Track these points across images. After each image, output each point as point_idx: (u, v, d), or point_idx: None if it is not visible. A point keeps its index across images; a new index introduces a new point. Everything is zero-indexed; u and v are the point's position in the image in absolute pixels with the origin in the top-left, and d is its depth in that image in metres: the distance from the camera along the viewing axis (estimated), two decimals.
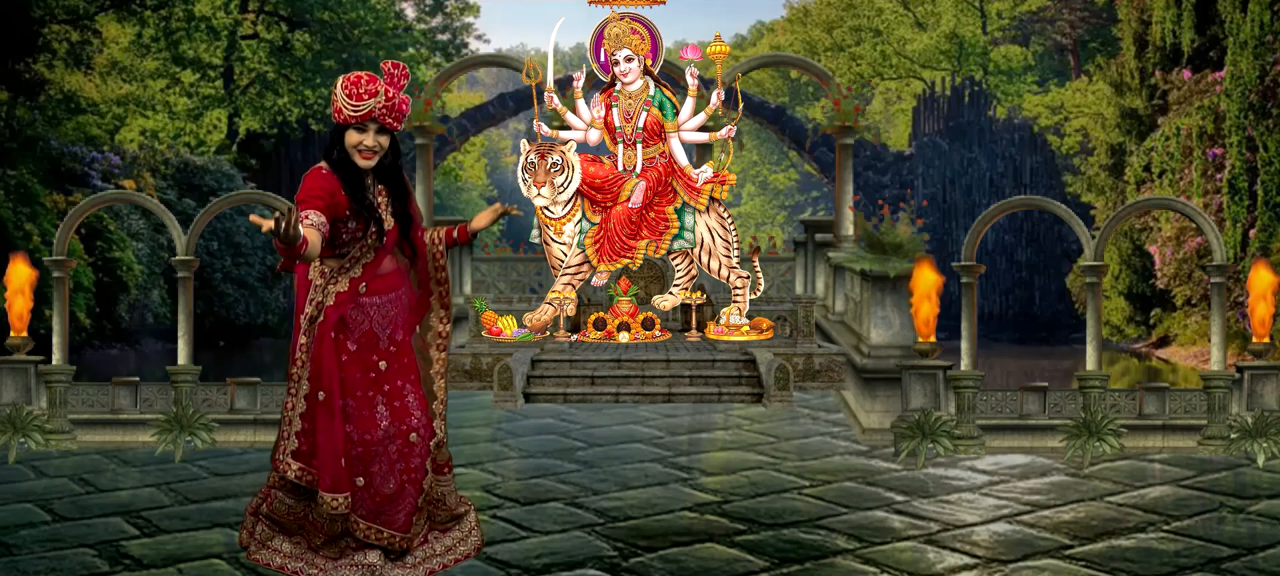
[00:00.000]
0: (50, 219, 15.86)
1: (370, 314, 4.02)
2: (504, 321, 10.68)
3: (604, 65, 9.86)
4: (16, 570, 4.31)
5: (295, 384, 4.02)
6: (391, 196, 4.10)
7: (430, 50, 28.93)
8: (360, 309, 4.01)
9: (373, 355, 4.01)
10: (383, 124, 4.01)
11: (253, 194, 13.05)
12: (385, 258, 4.05)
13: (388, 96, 4.00)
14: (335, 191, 3.94)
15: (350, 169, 4.00)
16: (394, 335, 4.05)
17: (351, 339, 3.99)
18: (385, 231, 4.05)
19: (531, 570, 4.32)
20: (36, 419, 6.92)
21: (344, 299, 4.00)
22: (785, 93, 38.03)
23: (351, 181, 3.99)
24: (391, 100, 4.01)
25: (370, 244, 4.03)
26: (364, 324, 4.01)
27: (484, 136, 35.65)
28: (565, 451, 6.94)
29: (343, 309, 3.99)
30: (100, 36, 21.27)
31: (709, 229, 10.02)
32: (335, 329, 3.98)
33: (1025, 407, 7.09)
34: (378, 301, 4.04)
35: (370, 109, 3.97)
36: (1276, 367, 7.14)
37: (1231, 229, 16.52)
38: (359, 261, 4.03)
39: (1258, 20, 16.44)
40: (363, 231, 4.01)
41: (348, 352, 3.98)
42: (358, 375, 3.99)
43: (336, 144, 4.03)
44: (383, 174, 4.11)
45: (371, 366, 4.00)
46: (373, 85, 3.98)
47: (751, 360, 9.73)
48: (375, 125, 4.01)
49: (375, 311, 4.03)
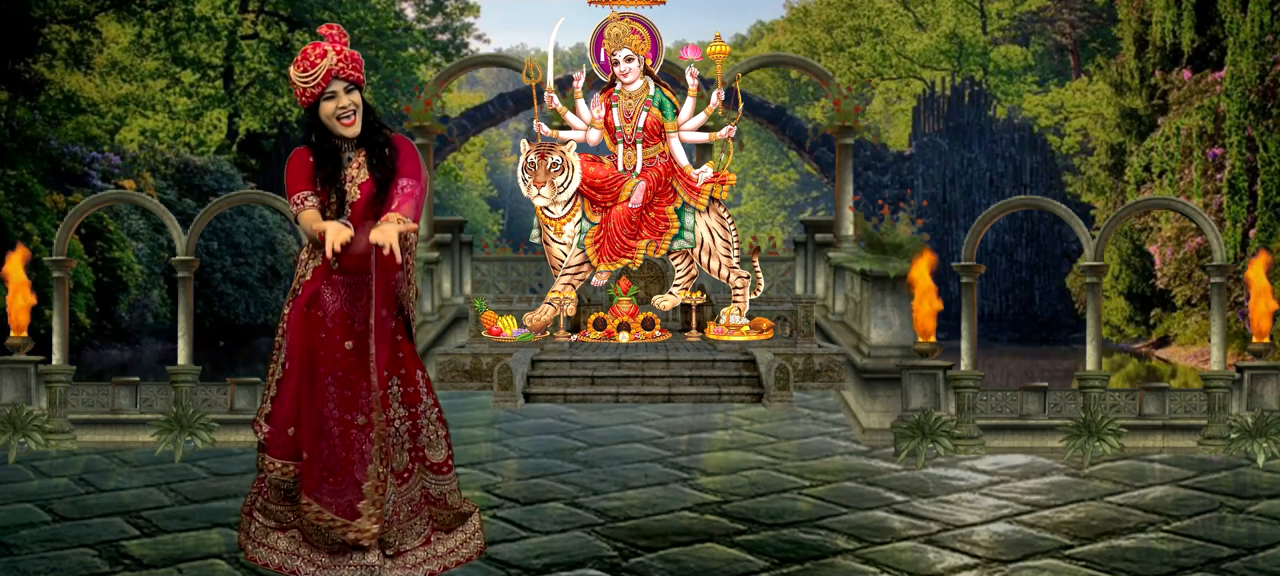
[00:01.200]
0: (50, 219, 15.86)
1: (341, 292, 4.05)
2: (504, 321, 10.68)
3: (604, 65, 9.86)
4: (16, 570, 4.31)
5: (277, 350, 4.13)
6: (371, 162, 4.08)
7: (430, 50, 28.94)
8: (332, 286, 4.05)
9: (344, 338, 4.03)
10: (348, 79, 4.02)
11: (253, 194, 13.04)
12: (358, 231, 3.99)
13: (337, 51, 4.02)
14: (311, 168, 4.04)
15: (326, 148, 4.05)
16: (365, 318, 4.03)
17: (327, 317, 4.04)
18: (346, 203, 4.05)
19: (531, 570, 4.32)
20: (36, 419, 6.92)
21: (319, 274, 4.07)
22: (785, 93, 38.04)
23: (326, 158, 4.05)
24: (341, 53, 4.03)
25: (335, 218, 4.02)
26: (336, 302, 4.05)
27: (484, 136, 35.67)
28: (565, 451, 6.94)
29: (317, 284, 4.06)
30: (100, 36, 21.27)
31: (709, 229, 10.03)
32: (309, 303, 4.05)
33: (1025, 407, 7.09)
34: (349, 280, 4.05)
35: (327, 68, 3.99)
36: (1276, 367, 7.14)
37: (1231, 229, 16.52)
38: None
39: (1258, 20, 16.44)
40: (325, 201, 4.04)
41: (326, 329, 4.03)
42: (323, 353, 4.03)
43: (314, 127, 4.06)
44: (361, 141, 4.11)
45: (338, 347, 4.03)
46: (319, 48, 4.02)
47: (751, 360, 9.73)
48: (341, 83, 4.02)
49: (345, 290, 4.04)
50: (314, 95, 4.00)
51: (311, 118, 4.06)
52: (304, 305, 4.05)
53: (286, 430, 4.06)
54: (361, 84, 4.10)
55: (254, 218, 21.74)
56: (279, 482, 4.08)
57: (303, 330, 4.04)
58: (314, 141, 4.06)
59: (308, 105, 4.04)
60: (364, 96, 4.13)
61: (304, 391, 4.04)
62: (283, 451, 4.07)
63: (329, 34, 4.06)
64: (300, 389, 4.04)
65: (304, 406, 4.04)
